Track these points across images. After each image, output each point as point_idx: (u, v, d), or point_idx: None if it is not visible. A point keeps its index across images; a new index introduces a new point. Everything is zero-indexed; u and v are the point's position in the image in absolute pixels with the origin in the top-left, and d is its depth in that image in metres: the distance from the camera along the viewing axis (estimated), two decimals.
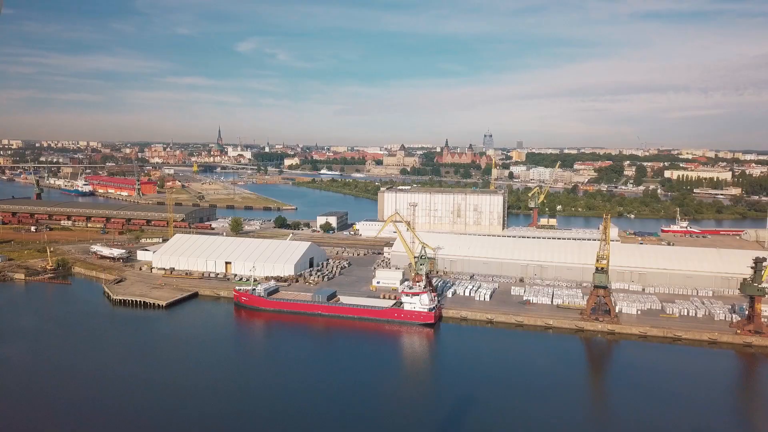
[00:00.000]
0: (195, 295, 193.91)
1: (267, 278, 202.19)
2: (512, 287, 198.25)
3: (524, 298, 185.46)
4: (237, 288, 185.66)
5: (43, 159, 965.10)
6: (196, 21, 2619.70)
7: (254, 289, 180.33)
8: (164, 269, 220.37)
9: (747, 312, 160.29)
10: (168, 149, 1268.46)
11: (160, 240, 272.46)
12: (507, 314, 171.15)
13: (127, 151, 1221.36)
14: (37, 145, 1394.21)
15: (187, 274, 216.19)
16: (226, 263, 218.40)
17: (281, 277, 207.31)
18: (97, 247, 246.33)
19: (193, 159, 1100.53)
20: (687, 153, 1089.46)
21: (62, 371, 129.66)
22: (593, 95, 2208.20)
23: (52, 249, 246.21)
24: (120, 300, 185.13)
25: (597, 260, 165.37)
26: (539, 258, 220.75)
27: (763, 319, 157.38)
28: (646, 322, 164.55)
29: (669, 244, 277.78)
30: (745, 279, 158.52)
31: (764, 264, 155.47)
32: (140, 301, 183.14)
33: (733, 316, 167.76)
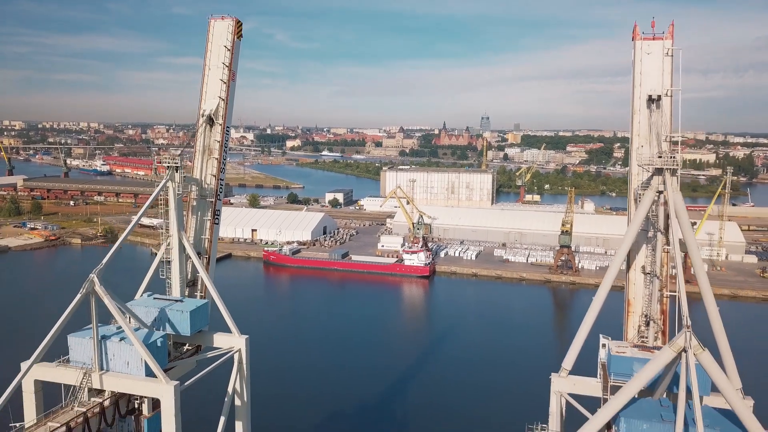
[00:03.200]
0: (229, 256, 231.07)
1: (288, 242, 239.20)
2: (495, 250, 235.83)
3: (504, 258, 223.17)
4: (266, 249, 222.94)
5: (51, 140, 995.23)
6: (192, 0, 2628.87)
7: (281, 249, 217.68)
8: None
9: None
10: (171, 130, 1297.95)
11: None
12: (489, 269, 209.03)
13: (131, 132, 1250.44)
14: (39, 126, 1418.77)
15: (218, 239, 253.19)
16: (252, 230, 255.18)
17: (300, 242, 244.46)
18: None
19: None
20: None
21: None
22: (593, 77, 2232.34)
23: (95, 219, 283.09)
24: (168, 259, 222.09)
25: (562, 225, 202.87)
26: (520, 226, 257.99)
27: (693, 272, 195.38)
28: (601, 275, 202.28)
29: None
30: (680, 239, 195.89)
31: (694, 227, 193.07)
32: None
33: (674, 270, 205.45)
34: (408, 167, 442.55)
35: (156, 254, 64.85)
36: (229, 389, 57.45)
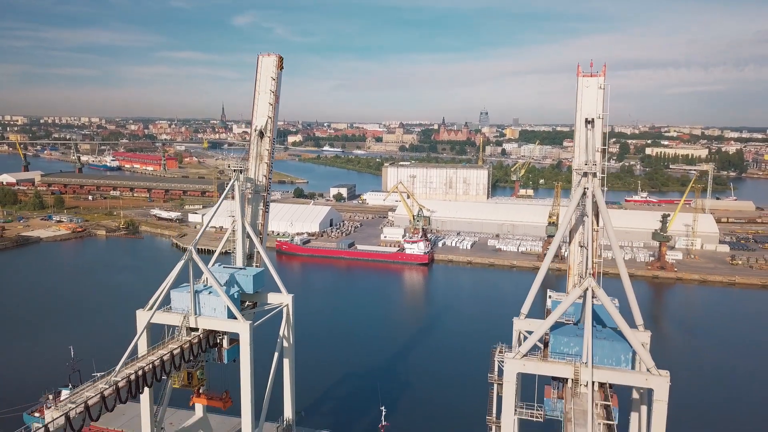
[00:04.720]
0: None
1: (299, 233, 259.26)
2: (489, 240, 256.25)
3: (497, 247, 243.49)
4: (278, 239, 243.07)
5: (56, 136, 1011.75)
6: None
7: (292, 240, 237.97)
8: (214, 227, 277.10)
9: (657, 253, 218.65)
10: (173, 126, 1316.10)
11: (201, 206, 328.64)
12: (483, 257, 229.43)
13: (133, 127, 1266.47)
14: (41, 121, 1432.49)
15: None
16: None
17: (309, 233, 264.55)
18: (156, 211, 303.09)
19: (199, 135, 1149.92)
20: (673, 131, 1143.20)
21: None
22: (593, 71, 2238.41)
23: (115, 213, 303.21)
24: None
25: (549, 216, 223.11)
26: (513, 218, 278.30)
27: (668, 260, 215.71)
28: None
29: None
30: (655, 230, 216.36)
31: (668, 219, 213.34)
32: (204, 248, 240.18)
33: (651, 258, 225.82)
34: (408, 163, 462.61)
35: (176, 244, 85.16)
36: (280, 334, 77.72)
